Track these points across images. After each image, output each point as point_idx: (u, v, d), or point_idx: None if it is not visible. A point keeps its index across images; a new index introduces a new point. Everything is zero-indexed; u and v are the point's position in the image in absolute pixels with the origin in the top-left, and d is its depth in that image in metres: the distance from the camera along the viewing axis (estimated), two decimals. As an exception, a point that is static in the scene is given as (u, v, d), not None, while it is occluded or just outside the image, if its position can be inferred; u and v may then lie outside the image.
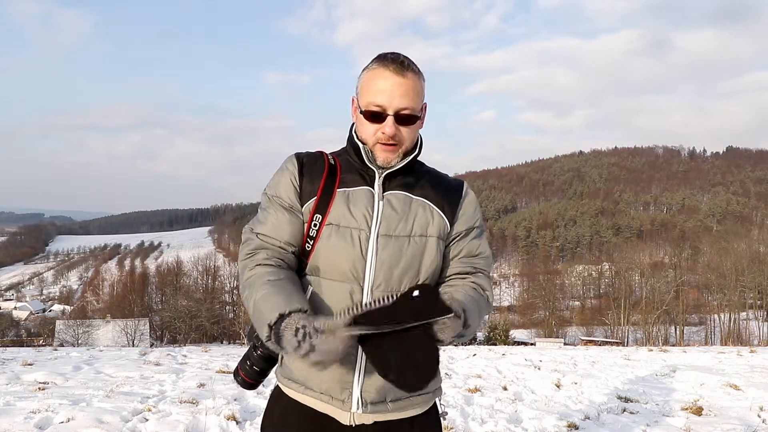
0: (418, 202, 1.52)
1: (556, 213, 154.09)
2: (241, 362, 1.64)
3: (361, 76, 1.50)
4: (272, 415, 1.58)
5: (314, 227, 1.48)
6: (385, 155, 1.48)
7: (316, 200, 1.49)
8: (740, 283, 51.53)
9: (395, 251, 1.45)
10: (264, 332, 1.33)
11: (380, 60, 1.46)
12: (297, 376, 1.49)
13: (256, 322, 1.38)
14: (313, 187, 1.50)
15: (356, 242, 1.44)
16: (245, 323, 47.37)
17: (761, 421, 4.84)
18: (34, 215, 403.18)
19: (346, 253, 1.44)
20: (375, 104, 1.44)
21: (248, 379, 1.63)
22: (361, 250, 1.44)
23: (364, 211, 1.46)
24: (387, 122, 1.44)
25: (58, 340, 35.72)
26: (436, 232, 1.52)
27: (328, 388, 1.44)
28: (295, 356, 1.28)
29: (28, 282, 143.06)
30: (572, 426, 4.51)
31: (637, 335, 49.72)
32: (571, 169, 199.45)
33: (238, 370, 1.65)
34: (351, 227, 1.45)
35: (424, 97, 1.51)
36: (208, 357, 8.12)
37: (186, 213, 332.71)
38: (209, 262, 75.98)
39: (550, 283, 74.36)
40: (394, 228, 1.47)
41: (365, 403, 1.43)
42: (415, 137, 1.53)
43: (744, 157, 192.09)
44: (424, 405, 1.53)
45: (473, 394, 5.70)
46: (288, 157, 1.57)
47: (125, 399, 4.75)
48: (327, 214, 1.47)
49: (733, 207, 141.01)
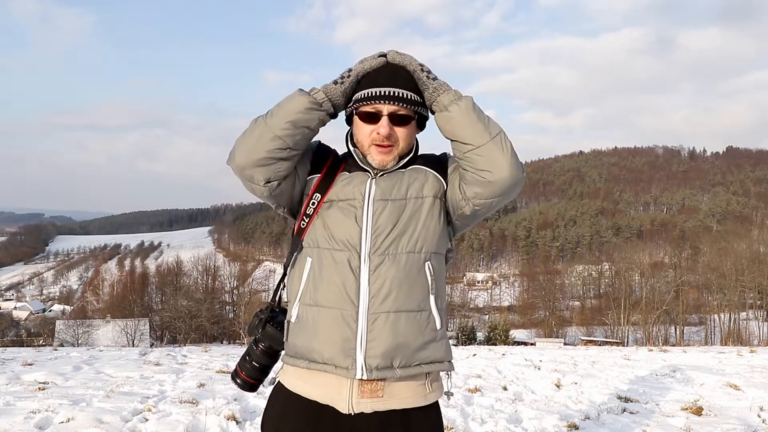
0: (412, 168, 1.57)
1: (556, 213, 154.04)
2: (241, 361, 1.62)
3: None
4: (272, 408, 1.59)
5: (312, 205, 1.53)
6: (381, 157, 1.51)
7: (320, 177, 1.56)
8: (740, 283, 51.45)
9: (391, 214, 1.48)
10: (298, 103, 1.45)
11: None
12: (301, 350, 1.50)
13: (282, 108, 1.46)
14: (321, 166, 1.59)
15: (350, 211, 1.49)
16: (245, 323, 47.37)
17: (761, 421, 4.84)
18: (34, 215, 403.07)
19: (343, 224, 1.48)
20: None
21: (249, 378, 1.61)
22: (355, 218, 1.48)
23: (359, 185, 1.52)
24: (382, 122, 1.48)
25: (58, 340, 35.72)
26: (432, 192, 1.54)
27: (332, 357, 1.44)
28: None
29: (28, 282, 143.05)
30: (572, 426, 4.51)
31: (637, 335, 49.70)
32: (571, 169, 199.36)
33: (238, 371, 1.62)
34: (348, 199, 1.51)
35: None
36: (208, 357, 8.12)
37: (186, 213, 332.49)
38: (209, 262, 75.98)
39: (550, 283, 74.38)
40: (389, 193, 1.50)
41: (370, 368, 1.42)
42: (411, 140, 1.55)
43: (744, 157, 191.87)
44: (432, 382, 1.54)
45: (473, 394, 5.70)
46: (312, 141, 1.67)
47: (125, 399, 4.75)
48: (326, 194, 1.53)
49: (733, 207, 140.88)
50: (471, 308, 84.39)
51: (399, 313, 1.44)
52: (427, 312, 1.48)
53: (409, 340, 1.44)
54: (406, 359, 1.45)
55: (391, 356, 1.43)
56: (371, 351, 1.42)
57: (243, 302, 55.20)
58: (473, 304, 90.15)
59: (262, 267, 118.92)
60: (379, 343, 1.42)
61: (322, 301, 1.46)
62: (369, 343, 1.42)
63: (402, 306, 1.44)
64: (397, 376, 1.44)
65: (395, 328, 1.43)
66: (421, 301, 1.47)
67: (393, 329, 1.43)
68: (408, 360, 1.45)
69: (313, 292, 1.47)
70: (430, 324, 1.48)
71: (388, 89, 1.47)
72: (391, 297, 1.43)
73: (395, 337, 1.43)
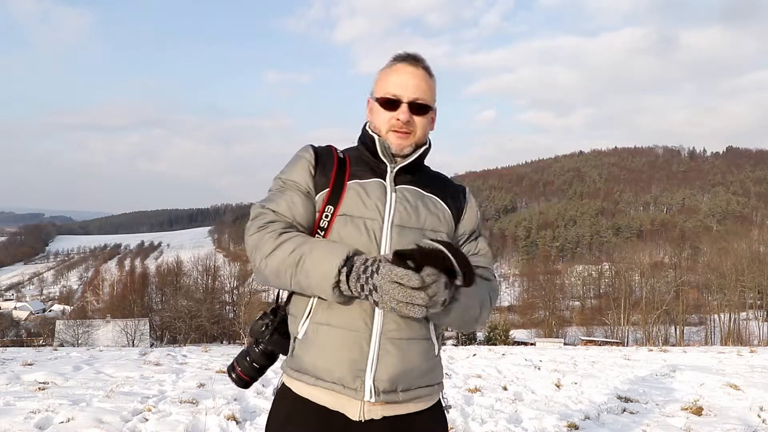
0: (428, 197, 1.57)
1: (556, 213, 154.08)
2: (239, 358, 1.62)
3: (378, 74, 1.59)
4: (277, 413, 1.56)
5: (325, 218, 1.48)
6: (399, 141, 1.52)
7: (329, 191, 1.50)
8: (740, 283, 51.47)
9: (408, 243, 1.44)
10: (329, 279, 1.32)
11: (396, 57, 1.56)
12: (308, 367, 1.47)
13: (310, 273, 1.35)
14: (325, 178, 1.52)
15: (370, 232, 1.46)
16: (245, 323, 47.39)
17: (761, 421, 4.84)
18: (34, 215, 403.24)
19: (360, 244, 1.43)
20: (391, 93, 1.52)
21: (245, 375, 1.61)
22: (375, 240, 1.45)
23: (376, 202, 1.49)
24: (402, 108, 1.51)
25: (58, 340, 35.73)
26: (446, 229, 1.56)
27: (341, 377, 1.43)
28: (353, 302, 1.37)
29: (28, 282, 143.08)
30: (572, 426, 4.51)
31: (637, 335, 49.71)
32: (571, 169, 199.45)
33: (234, 366, 1.62)
34: (364, 217, 1.47)
35: (436, 99, 1.58)
36: (208, 357, 8.12)
37: (186, 213, 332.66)
38: (209, 262, 75.89)
39: (550, 283, 74.26)
40: (407, 220, 1.50)
41: (377, 391, 1.43)
42: (426, 131, 1.58)
43: (744, 157, 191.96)
44: (429, 400, 1.55)
45: (473, 394, 5.70)
46: (303, 147, 1.60)
47: (125, 399, 4.75)
48: (339, 206, 1.48)
49: (733, 207, 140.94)
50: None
51: (410, 340, 1.46)
52: (430, 340, 1.51)
53: (415, 366, 1.47)
54: (409, 384, 1.47)
55: (397, 381, 1.45)
56: (380, 374, 1.43)
57: (243, 302, 55.21)
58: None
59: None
60: (388, 368, 1.43)
61: (336, 321, 1.44)
62: (378, 367, 1.43)
63: (412, 334, 1.46)
64: (399, 399, 1.46)
65: (404, 354, 1.45)
66: (426, 329, 1.50)
67: (402, 355, 1.44)
68: (410, 385, 1.47)
69: (327, 310, 1.45)
70: (431, 351, 1.52)
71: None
72: (402, 323, 1.44)
73: (404, 362, 1.44)
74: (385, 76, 1.55)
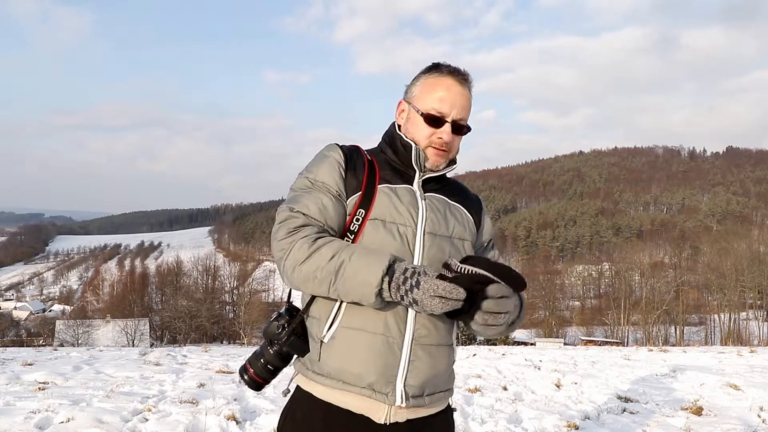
0: (454, 206, 1.60)
1: (556, 213, 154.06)
2: (252, 359, 1.57)
3: (420, 80, 1.55)
4: (293, 418, 1.52)
5: (356, 222, 1.46)
6: (437, 159, 1.54)
7: (361, 194, 1.48)
8: (740, 283, 51.48)
9: (439, 250, 1.49)
10: (373, 287, 1.31)
11: (444, 69, 1.52)
12: (336, 372, 1.45)
13: (351, 281, 1.33)
14: (357, 181, 1.50)
15: (404, 238, 1.46)
16: (245, 323, 47.41)
17: (761, 421, 4.84)
18: (34, 215, 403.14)
19: (394, 249, 1.43)
20: (437, 110, 1.50)
21: (258, 377, 1.57)
22: (409, 247, 1.46)
23: (409, 208, 1.49)
24: (445, 128, 1.51)
25: (58, 340, 35.75)
26: (470, 237, 1.60)
27: (373, 382, 1.42)
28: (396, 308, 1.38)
29: (28, 282, 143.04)
30: (572, 426, 4.51)
31: (637, 335, 49.73)
32: (571, 169, 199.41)
33: (247, 368, 1.58)
34: (398, 223, 1.47)
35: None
36: (208, 357, 8.13)
37: (186, 213, 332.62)
38: (209, 262, 76.00)
39: (550, 283, 74.23)
40: (438, 227, 1.51)
41: (407, 396, 1.44)
42: (459, 148, 1.61)
43: (744, 157, 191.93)
44: (445, 402, 1.59)
45: (473, 394, 5.71)
46: (330, 146, 1.56)
47: (125, 399, 4.75)
48: (371, 210, 1.47)
49: (733, 207, 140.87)
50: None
51: (439, 346, 1.49)
52: (451, 346, 1.56)
53: (441, 371, 1.50)
54: (434, 388, 1.50)
55: (425, 386, 1.47)
56: (410, 380, 1.44)
57: (243, 302, 55.26)
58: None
59: (262, 267, 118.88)
60: (419, 373, 1.45)
61: (369, 326, 1.43)
62: (409, 372, 1.44)
63: (440, 340, 1.49)
64: (426, 404, 1.49)
65: (433, 359, 1.47)
66: (451, 335, 1.54)
67: (432, 361, 1.47)
68: (435, 389, 1.50)
69: (359, 315, 1.43)
70: (452, 356, 1.56)
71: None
72: (432, 329, 1.47)
73: (432, 368, 1.47)
74: (431, 87, 1.51)
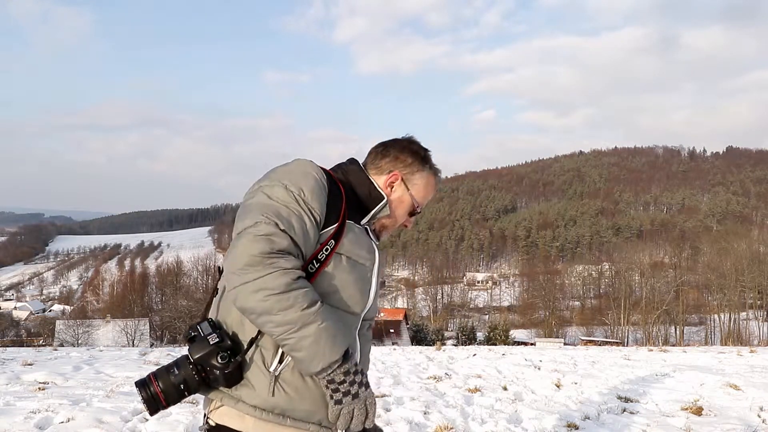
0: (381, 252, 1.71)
1: (556, 213, 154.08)
2: (162, 374, 1.34)
3: (421, 173, 1.65)
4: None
5: (325, 252, 1.41)
6: (387, 236, 1.70)
7: (337, 227, 1.44)
8: (740, 283, 51.49)
9: (377, 295, 1.59)
10: (327, 360, 1.34)
11: (435, 169, 1.69)
12: (285, 407, 1.39)
13: (311, 344, 1.31)
14: (336, 213, 1.45)
15: (364, 279, 1.51)
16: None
17: (761, 421, 4.83)
18: (34, 215, 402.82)
19: (356, 287, 1.48)
20: (421, 205, 1.69)
21: (163, 398, 1.32)
22: (368, 287, 1.53)
23: (368, 248, 1.53)
24: (413, 220, 1.71)
25: (58, 340, 35.71)
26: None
27: (322, 419, 1.44)
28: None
29: (28, 282, 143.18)
30: (572, 426, 4.51)
31: (637, 335, 49.78)
32: (571, 169, 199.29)
33: (152, 381, 1.32)
34: (365, 264, 1.51)
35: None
36: (208, 357, 8.10)
37: (186, 213, 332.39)
38: (209, 262, 76.04)
39: (550, 283, 74.36)
40: (381, 273, 1.61)
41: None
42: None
43: (744, 157, 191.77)
44: None
45: (473, 394, 5.71)
46: (316, 168, 1.47)
47: (125, 399, 4.75)
48: (339, 243, 1.44)
49: (733, 207, 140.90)
50: (471, 308, 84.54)
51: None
52: None
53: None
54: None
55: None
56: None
57: (243, 302, 55.14)
58: (473, 304, 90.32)
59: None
60: None
61: None
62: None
63: (365, 368, 1.60)
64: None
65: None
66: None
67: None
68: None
69: None
70: None
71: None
72: (364, 362, 1.61)
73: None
74: (427, 184, 1.67)
